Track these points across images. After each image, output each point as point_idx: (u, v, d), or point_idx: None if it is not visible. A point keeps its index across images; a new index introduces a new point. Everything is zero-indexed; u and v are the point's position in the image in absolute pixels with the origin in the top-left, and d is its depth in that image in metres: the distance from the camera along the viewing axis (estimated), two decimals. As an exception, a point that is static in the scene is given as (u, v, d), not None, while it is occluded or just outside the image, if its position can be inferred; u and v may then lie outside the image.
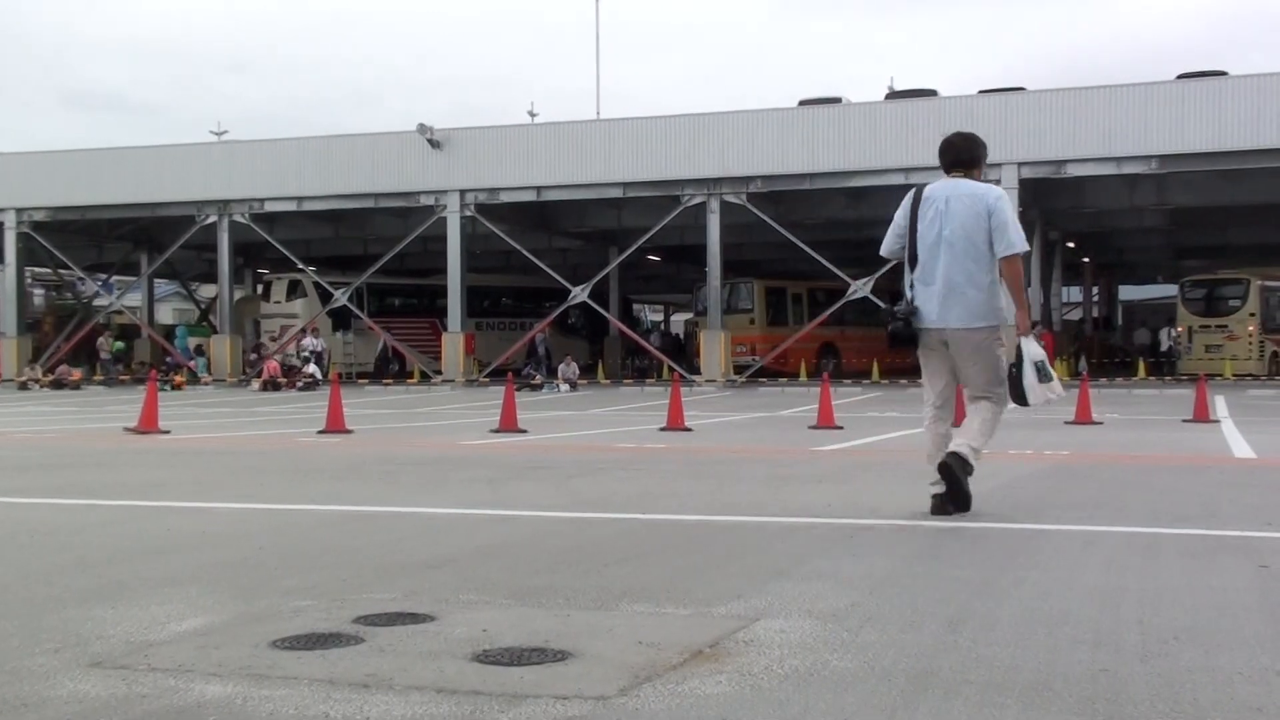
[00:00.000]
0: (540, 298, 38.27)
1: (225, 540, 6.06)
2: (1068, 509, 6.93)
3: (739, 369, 30.74)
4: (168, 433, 14.07)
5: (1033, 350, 6.43)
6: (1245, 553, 5.43)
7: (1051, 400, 6.55)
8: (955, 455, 6.32)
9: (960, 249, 6.27)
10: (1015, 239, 6.24)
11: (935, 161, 6.75)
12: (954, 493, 6.41)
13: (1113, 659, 3.57)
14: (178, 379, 31.47)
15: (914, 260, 6.42)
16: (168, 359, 35.57)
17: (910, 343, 6.47)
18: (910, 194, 6.53)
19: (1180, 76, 27.53)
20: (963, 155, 6.57)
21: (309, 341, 30.67)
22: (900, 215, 6.53)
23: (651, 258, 39.75)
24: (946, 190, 6.39)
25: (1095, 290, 47.67)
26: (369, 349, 35.64)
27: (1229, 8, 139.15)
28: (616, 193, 30.64)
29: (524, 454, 11.27)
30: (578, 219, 35.26)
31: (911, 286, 6.44)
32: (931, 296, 6.35)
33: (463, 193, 31.10)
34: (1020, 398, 6.48)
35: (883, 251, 6.78)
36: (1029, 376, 6.39)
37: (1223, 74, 27.34)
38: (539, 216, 34.55)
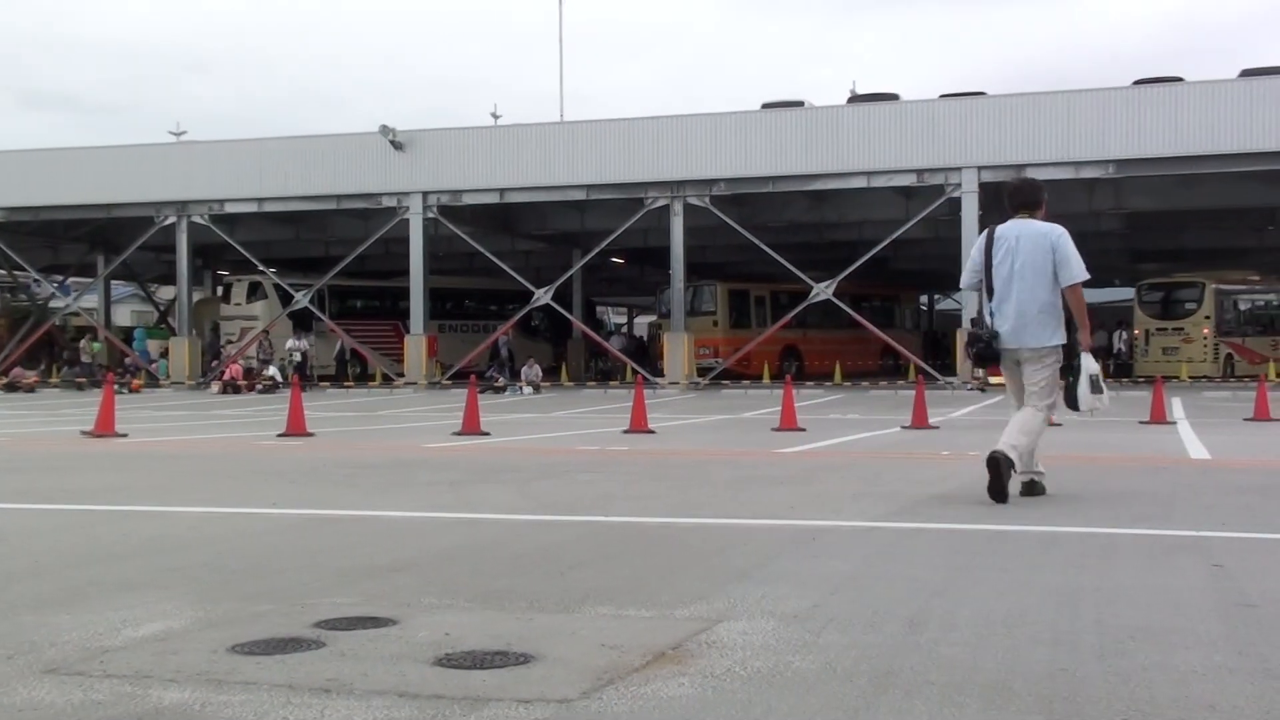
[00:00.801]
0: (503, 300, 38.16)
1: (183, 545, 6.01)
2: (1026, 509, 6.98)
3: (702, 371, 30.79)
4: (125, 436, 13.92)
5: (1090, 365, 7.35)
6: (1200, 552, 5.50)
7: (1098, 410, 7.48)
8: (999, 453, 7.14)
9: (1030, 280, 7.23)
10: (1077, 270, 7.19)
11: (896, 164, 7.06)
12: (994, 485, 7.11)
13: (1071, 658, 3.61)
14: (135, 382, 31.15)
15: (990, 290, 7.39)
16: (126, 361, 35.19)
17: (994, 361, 7.56)
18: (984, 234, 7.56)
19: (1137, 82, 27.84)
20: (1027, 198, 7.51)
21: (293, 343, 30.17)
22: (976, 253, 7.54)
23: (615, 260, 39.74)
24: (1016, 230, 7.34)
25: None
26: (331, 352, 35.44)
27: (1181, 16, 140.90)
28: (580, 195, 30.62)
29: (487, 457, 11.24)
30: (541, 221, 35.21)
31: (990, 314, 7.42)
32: (1007, 322, 7.33)
33: (425, 194, 30.98)
34: (1073, 403, 7.44)
35: (962, 285, 7.87)
36: (1083, 386, 7.33)
37: (1179, 80, 27.68)
38: (502, 218, 34.47)
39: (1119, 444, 12.67)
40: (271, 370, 30.86)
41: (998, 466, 7.06)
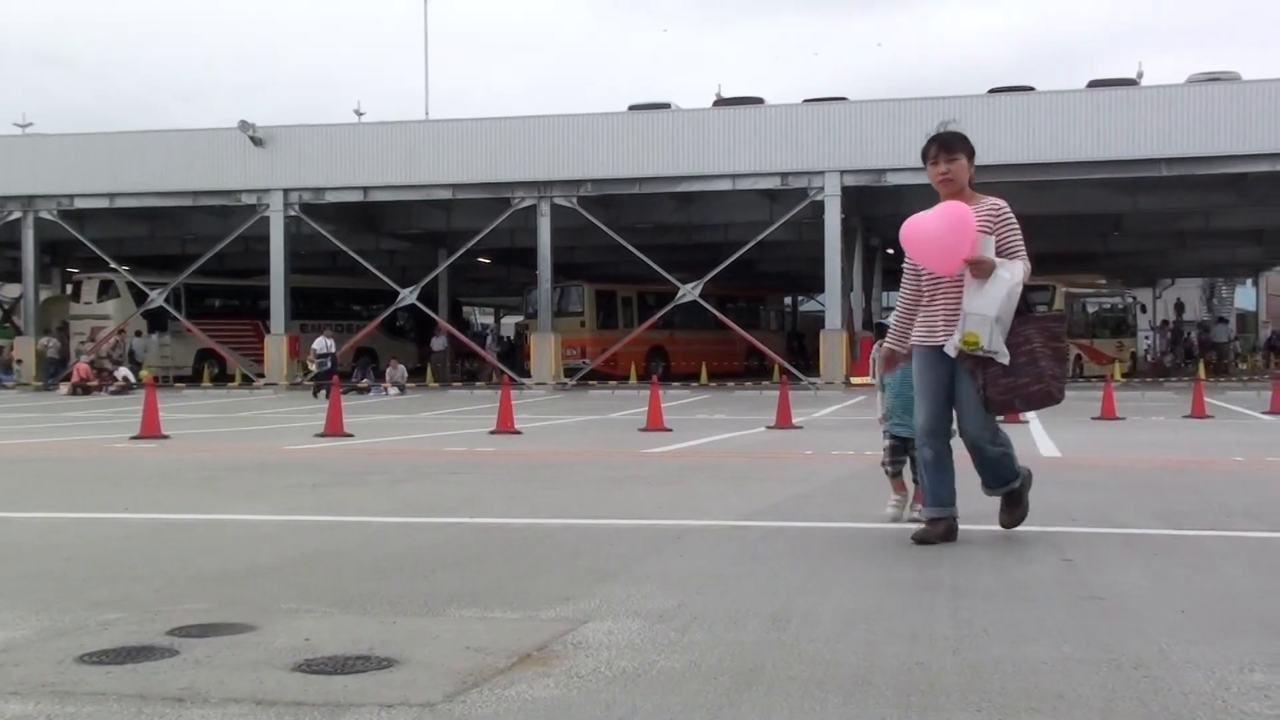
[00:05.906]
0: (368, 299, 37.55)
1: (28, 552, 5.77)
2: (885, 507, 7.13)
3: (569, 372, 30.78)
4: (-34, 440, 13.32)
5: None
6: (1050, 547, 5.70)
7: None
8: None
9: None
10: None
11: (761, 168, 7.07)
12: None
13: (927, 652, 3.70)
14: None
15: None
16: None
17: None
18: None
19: (991, 91, 28.71)
20: None
21: (320, 343, 28.92)
22: None
23: (481, 260, 39.45)
24: None
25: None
26: (187, 351, 34.48)
27: (1034, 29, 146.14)
28: (446, 194, 30.33)
29: (350, 459, 11.05)
30: (406, 220, 34.76)
31: None
32: None
33: (286, 192, 30.33)
34: None
35: None
36: None
37: (1030, 89, 28.64)
38: (366, 217, 33.93)
39: (974, 442, 13.03)
40: (123, 371, 29.80)
41: None
